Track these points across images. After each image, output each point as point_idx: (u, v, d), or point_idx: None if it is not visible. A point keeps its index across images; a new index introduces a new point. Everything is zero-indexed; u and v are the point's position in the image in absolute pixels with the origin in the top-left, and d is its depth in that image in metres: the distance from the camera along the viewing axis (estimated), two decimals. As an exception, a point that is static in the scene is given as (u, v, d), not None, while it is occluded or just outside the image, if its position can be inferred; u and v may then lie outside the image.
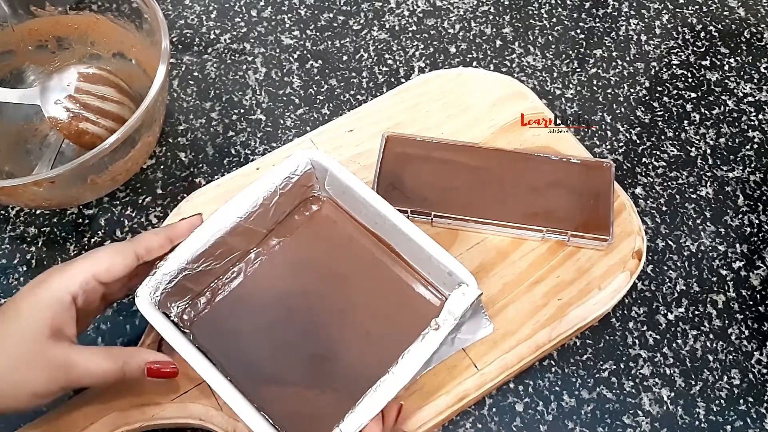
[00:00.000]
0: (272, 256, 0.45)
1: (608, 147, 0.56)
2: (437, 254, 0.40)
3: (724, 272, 0.51)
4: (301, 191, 0.46)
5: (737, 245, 0.52)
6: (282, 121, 0.57)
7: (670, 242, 0.52)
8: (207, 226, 0.41)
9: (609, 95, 0.59)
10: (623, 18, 0.64)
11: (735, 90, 0.60)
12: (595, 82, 0.60)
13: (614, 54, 0.62)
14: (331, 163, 0.43)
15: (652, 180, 0.55)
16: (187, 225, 0.41)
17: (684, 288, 0.50)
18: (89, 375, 0.35)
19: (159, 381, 0.38)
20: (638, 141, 0.57)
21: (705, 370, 0.47)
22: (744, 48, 0.63)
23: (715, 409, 0.46)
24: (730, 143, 0.57)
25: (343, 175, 0.43)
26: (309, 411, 0.40)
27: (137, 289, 0.39)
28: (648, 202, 0.54)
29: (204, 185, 0.52)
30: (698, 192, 0.54)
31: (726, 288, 0.50)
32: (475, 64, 0.61)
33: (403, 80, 0.59)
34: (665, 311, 0.49)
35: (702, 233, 0.52)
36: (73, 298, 0.36)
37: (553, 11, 0.64)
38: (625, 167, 0.55)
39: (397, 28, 0.63)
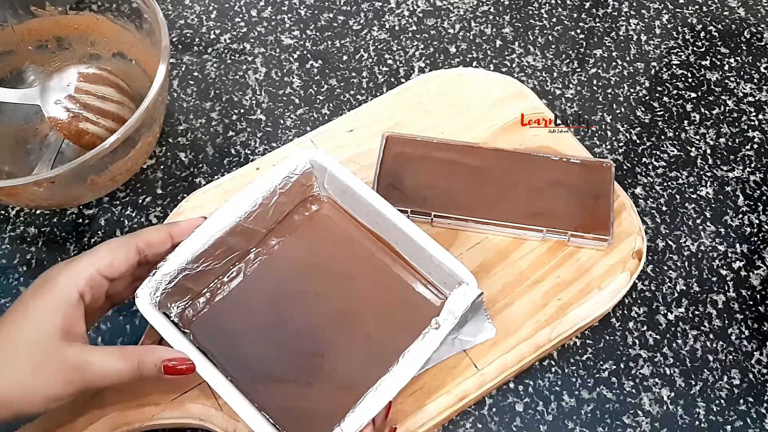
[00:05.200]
0: (272, 255, 0.45)
1: (608, 147, 0.56)
2: (437, 254, 0.40)
3: (724, 272, 0.51)
4: (301, 191, 0.46)
5: (737, 245, 0.52)
6: (282, 121, 0.57)
7: (670, 242, 0.52)
8: (206, 226, 0.41)
9: (609, 95, 0.59)
10: (623, 18, 0.64)
11: (735, 90, 0.60)
12: (595, 82, 0.60)
13: (614, 54, 0.62)
14: (331, 162, 0.43)
15: (652, 180, 0.55)
16: (189, 224, 0.41)
17: (684, 288, 0.50)
18: (104, 375, 0.35)
19: (163, 381, 0.38)
20: (638, 141, 0.57)
21: (705, 370, 0.47)
22: (744, 48, 0.63)
23: (715, 409, 0.46)
24: (730, 143, 0.57)
25: (343, 174, 0.43)
26: (309, 410, 0.40)
27: (137, 289, 0.39)
28: (648, 202, 0.54)
29: (204, 185, 0.52)
30: (698, 192, 0.54)
31: (726, 288, 0.50)
32: (475, 64, 0.61)
33: (403, 80, 0.59)
34: (665, 311, 0.49)
35: (702, 233, 0.52)
36: (81, 296, 0.36)
37: (553, 11, 0.64)
38: (625, 167, 0.55)
39: (397, 28, 0.63)
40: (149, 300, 0.39)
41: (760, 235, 0.53)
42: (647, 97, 0.59)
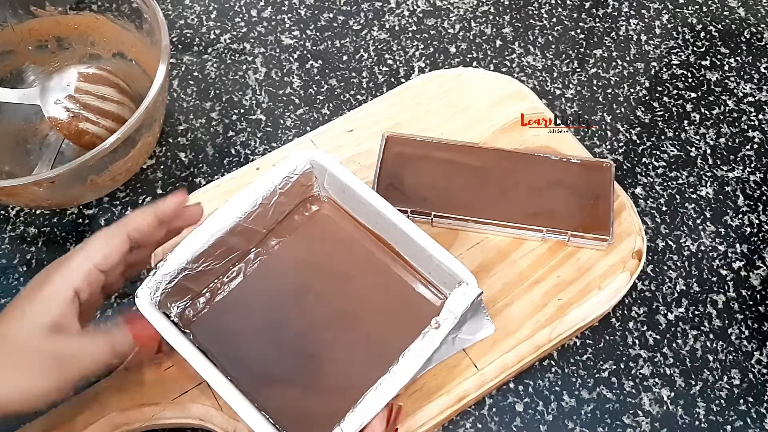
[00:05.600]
0: (272, 256, 0.45)
1: (608, 147, 0.56)
2: (437, 253, 0.40)
3: (724, 272, 0.51)
4: (301, 191, 0.46)
5: (737, 245, 0.52)
6: (282, 121, 0.57)
7: (670, 242, 0.52)
8: (206, 226, 0.41)
9: (609, 95, 0.59)
10: (623, 18, 0.64)
11: (735, 90, 0.60)
12: (595, 82, 0.60)
13: (614, 54, 0.62)
14: (331, 162, 0.43)
15: (652, 180, 0.55)
16: (173, 200, 0.40)
17: (684, 288, 0.50)
18: (83, 361, 0.34)
19: (158, 379, 0.38)
20: (638, 141, 0.57)
21: (705, 370, 0.47)
22: (744, 48, 0.63)
23: (715, 409, 0.46)
24: (730, 143, 0.57)
25: (343, 174, 0.43)
26: (309, 410, 0.40)
27: (137, 289, 0.39)
28: (648, 202, 0.54)
29: (204, 185, 0.52)
30: (698, 192, 0.54)
31: (726, 288, 0.50)
32: (475, 64, 0.61)
33: (403, 80, 0.59)
34: (665, 311, 0.49)
35: (702, 233, 0.52)
36: (76, 293, 0.35)
37: (553, 11, 0.64)
38: (625, 167, 0.55)
39: (397, 28, 0.63)
40: (149, 300, 0.39)
41: (760, 235, 0.53)
42: (647, 97, 0.59)
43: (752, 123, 0.58)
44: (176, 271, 0.40)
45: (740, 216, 0.54)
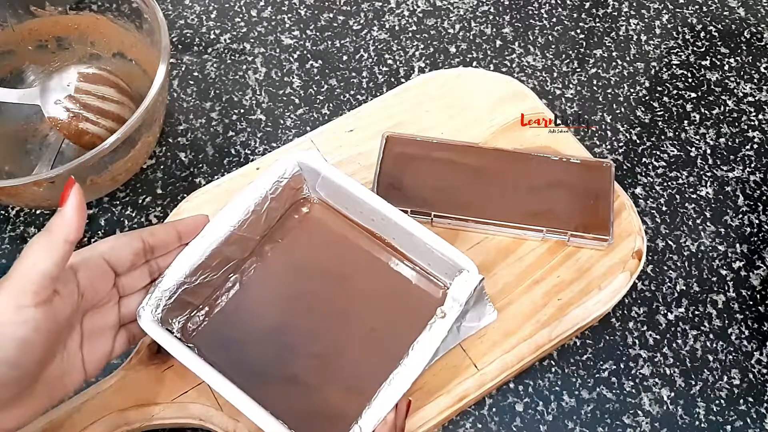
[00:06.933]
0: (268, 262, 0.45)
1: (608, 147, 0.56)
2: (436, 244, 0.40)
3: (724, 272, 0.51)
4: (291, 194, 0.45)
5: (737, 245, 0.52)
6: (282, 121, 0.57)
7: (670, 242, 0.52)
8: (201, 239, 0.40)
9: (609, 95, 0.59)
10: (623, 18, 0.64)
11: (735, 90, 0.60)
12: (595, 82, 0.60)
13: (614, 54, 0.62)
14: (321, 164, 0.43)
15: (652, 180, 0.55)
16: (193, 221, 0.40)
17: (684, 288, 0.50)
18: (30, 267, 0.33)
19: (163, 380, 0.37)
20: (638, 141, 0.57)
21: (705, 370, 0.47)
22: (744, 48, 0.63)
23: (715, 409, 0.46)
24: (730, 143, 0.57)
25: (335, 175, 0.42)
26: (320, 413, 0.40)
27: (138, 308, 0.38)
28: (648, 202, 0.54)
29: (204, 185, 0.52)
30: (698, 192, 0.54)
31: (726, 288, 0.50)
32: (475, 64, 0.61)
33: (403, 80, 0.59)
34: (665, 311, 0.49)
35: (702, 233, 0.52)
36: (56, 265, 0.33)
37: (553, 11, 0.64)
38: (625, 167, 0.55)
39: (397, 28, 0.63)
40: (151, 318, 0.38)
41: (760, 235, 0.53)
42: (647, 97, 0.59)
43: (752, 123, 0.58)
44: (175, 286, 0.40)
45: (740, 216, 0.54)
